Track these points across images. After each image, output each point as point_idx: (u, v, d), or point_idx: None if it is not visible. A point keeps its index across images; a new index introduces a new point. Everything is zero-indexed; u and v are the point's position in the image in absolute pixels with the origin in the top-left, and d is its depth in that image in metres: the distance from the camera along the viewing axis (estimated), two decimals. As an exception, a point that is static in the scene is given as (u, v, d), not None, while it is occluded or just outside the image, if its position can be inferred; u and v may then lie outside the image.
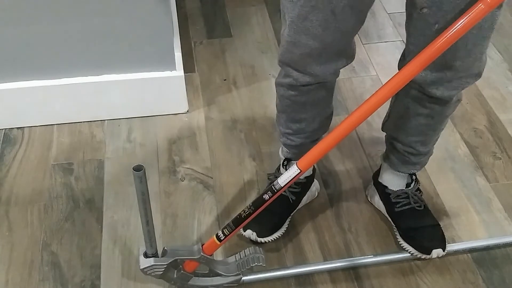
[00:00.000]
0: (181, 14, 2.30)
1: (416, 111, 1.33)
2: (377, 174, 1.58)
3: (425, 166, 1.69)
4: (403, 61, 1.27)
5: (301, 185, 1.54)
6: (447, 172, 1.71)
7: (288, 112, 1.42)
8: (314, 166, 1.58)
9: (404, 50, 1.27)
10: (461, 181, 1.68)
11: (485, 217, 1.58)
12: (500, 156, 1.76)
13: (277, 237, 1.50)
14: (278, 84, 1.36)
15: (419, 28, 1.15)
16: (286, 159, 1.53)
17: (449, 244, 1.49)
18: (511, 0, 2.39)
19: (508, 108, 1.93)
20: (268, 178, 1.60)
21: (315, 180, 1.61)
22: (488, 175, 1.70)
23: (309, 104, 1.37)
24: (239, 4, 2.41)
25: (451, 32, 1.04)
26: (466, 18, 1.03)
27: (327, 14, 1.13)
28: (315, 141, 1.46)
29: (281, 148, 1.54)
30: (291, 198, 1.52)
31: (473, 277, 1.44)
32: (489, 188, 1.66)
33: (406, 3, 1.17)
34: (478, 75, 1.24)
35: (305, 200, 1.58)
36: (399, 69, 1.29)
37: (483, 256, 1.48)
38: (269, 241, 1.49)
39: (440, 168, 1.72)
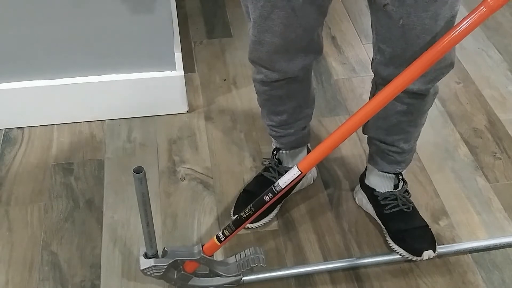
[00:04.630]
0: (181, 14, 2.30)
1: (395, 109, 1.33)
2: (363, 176, 1.57)
3: (425, 166, 1.70)
4: (374, 61, 1.28)
5: None
6: (447, 172, 1.71)
7: (267, 106, 1.46)
8: (309, 149, 1.59)
9: (373, 50, 1.27)
10: (461, 181, 1.68)
11: (485, 217, 1.58)
12: (500, 156, 1.76)
13: (267, 221, 1.53)
14: (253, 80, 1.40)
15: (384, 25, 1.17)
16: (275, 148, 1.56)
17: (449, 244, 1.50)
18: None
19: (508, 108, 1.93)
20: (262, 164, 1.63)
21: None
22: (488, 175, 1.70)
23: (285, 98, 1.40)
24: (239, 4, 2.37)
25: (453, 34, 1.04)
26: (469, 21, 1.03)
27: (288, 12, 1.16)
28: (301, 130, 1.50)
29: (272, 139, 1.57)
30: None
31: (473, 277, 1.44)
32: (489, 188, 1.66)
33: (368, 1, 1.18)
34: (451, 65, 1.25)
35: (299, 186, 1.59)
36: (372, 69, 1.31)
37: (483, 256, 1.48)
38: (258, 226, 1.52)
39: (440, 168, 1.72)
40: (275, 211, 1.55)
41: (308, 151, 1.59)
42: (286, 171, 1.44)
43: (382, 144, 1.43)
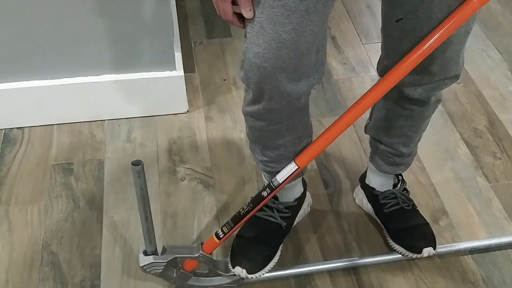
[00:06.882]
0: (181, 14, 2.30)
1: (397, 112, 1.32)
2: (364, 176, 1.57)
3: (425, 166, 1.70)
4: (381, 64, 1.25)
5: (291, 209, 1.45)
6: (447, 172, 1.71)
7: (262, 142, 1.28)
8: (305, 181, 1.50)
9: (381, 54, 1.25)
10: (461, 181, 1.68)
11: (485, 217, 1.58)
12: (500, 156, 1.76)
13: (270, 268, 1.39)
14: (245, 114, 1.23)
15: (395, 35, 1.15)
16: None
17: (449, 244, 1.50)
18: (511, 0, 2.40)
19: (508, 108, 1.93)
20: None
21: (307, 194, 1.53)
22: (488, 175, 1.70)
23: (284, 131, 1.23)
24: (239, 4, 2.41)
25: (444, 27, 1.04)
26: (458, 14, 1.03)
27: (301, 15, 0.99)
28: None
29: (262, 173, 1.41)
30: (283, 225, 1.43)
31: (473, 277, 1.44)
32: (489, 188, 1.66)
33: (381, 11, 1.16)
34: (456, 77, 1.23)
35: (297, 220, 1.51)
36: (377, 71, 1.29)
37: (483, 256, 1.48)
38: (261, 275, 1.37)
39: (440, 168, 1.72)
40: (278, 253, 1.43)
41: (304, 182, 1.49)
42: (286, 207, 1.43)
43: (382, 145, 1.43)
